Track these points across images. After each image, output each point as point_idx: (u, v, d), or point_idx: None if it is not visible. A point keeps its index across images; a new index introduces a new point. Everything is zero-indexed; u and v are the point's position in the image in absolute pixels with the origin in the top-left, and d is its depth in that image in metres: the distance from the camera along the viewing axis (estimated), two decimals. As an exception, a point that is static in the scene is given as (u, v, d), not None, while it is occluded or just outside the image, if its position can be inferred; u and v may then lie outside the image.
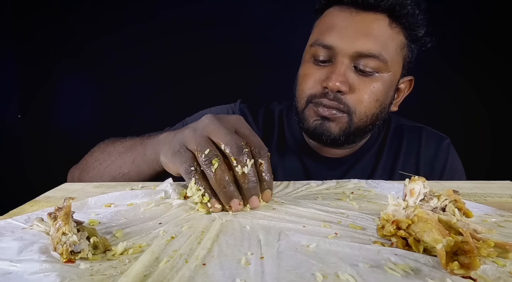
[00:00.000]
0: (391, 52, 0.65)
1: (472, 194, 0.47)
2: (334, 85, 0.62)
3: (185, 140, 0.42)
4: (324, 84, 0.64)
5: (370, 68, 0.64)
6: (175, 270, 0.26)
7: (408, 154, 0.76)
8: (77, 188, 0.51)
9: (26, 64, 1.30)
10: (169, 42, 1.23)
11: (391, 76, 0.66)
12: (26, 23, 1.29)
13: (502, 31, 1.14)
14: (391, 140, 0.77)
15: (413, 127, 0.79)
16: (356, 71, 0.64)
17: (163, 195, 0.45)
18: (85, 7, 1.27)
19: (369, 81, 0.64)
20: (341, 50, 0.63)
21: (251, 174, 0.39)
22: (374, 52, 0.63)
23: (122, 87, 1.25)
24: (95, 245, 0.29)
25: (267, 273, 0.25)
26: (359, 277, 0.24)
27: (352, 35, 0.63)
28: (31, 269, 0.26)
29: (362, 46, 0.62)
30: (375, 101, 0.66)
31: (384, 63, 0.64)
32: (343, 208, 0.40)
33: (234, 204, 0.38)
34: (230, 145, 0.39)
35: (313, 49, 0.67)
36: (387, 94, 0.67)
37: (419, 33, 0.67)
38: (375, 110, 0.67)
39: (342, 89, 0.63)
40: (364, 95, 0.64)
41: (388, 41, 0.64)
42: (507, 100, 1.16)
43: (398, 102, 0.74)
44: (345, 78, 0.63)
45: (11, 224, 0.35)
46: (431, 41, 0.70)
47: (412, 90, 0.75)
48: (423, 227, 0.29)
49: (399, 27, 0.65)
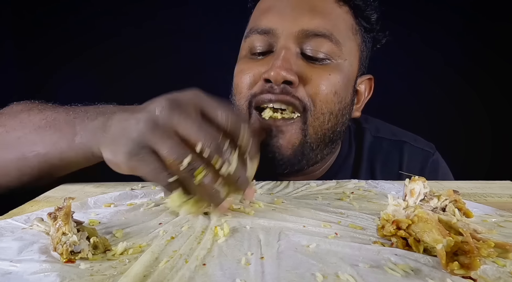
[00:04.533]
0: (343, 33, 0.54)
1: (472, 194, 0.47)
2: (278, 73, 0.49)
3: (146, 139, 0.34)
4: (265, 76, 0.51)
5: (322, 53, 0.52)
6: (175, 270, 0.26)
7: (387, 177, 0.61)
8: (77, 188, 0.51)
9: (26, 65, 1.30)
10: (168, 44, 1.24)
11: (348, 66, 0.55)
12: (26, 24, 1.29)
13: (502, 31, 1.14)
14: (367, 159, 0.65)
15: (393, 142, 0.66)
16: (304, 58, 0.53)
17: (163, 195, 0.45)
18: (85, 8, 1.27)
19: (323, 69, 0.53)
20: (282, 31, 0.52)
21: (239, 169, 0.34)
22: (323, 31, 0.52)
23: (122, 88, 1.25)
24: (95, 245, 0.29)
25: (267, 273, 0.25)
26: (359, 277, 0.24)
27: (294, 13, 0.53)
28: (31, 269, 0.26)
29: (308, 23, 0.52)
30: (333, 94, 0.53)
31: (337, 45, 0.53)
32: (343, 208, 0.40)
33: (223, 209, 0.36)
34: (208, 145, 0.33)
35: (248, 40, 0.56)
36: (347, 88, 0.55)
37: (371, 18, 0.58)
38: (333, 107, 0.54)
39: (288, 77, 0.50)
40: (320, 85, 0.52)
41: (338, 20, 0.54)
42: (507, 100, 1.16)
43: (359, 107, 0.62)
44: (290, 64, 0.51)
45: (10, 224, 0.35)
46: (385, 36, 0.62)
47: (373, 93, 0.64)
48: (423, 227, 0.29)
49: (347, 7, 0.56)
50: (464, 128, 1.15)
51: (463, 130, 1.15)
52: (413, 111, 1.11)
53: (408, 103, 1.15)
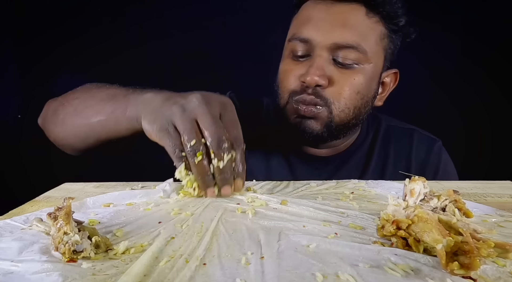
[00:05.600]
0: (370, 42, 0.64)
1: (472, 194, 0.47)
2: (312, 79, 0.61)
3: (174, 119, 0.43)
4: (302, 79, 0.63)
5: (350, 60, 0.63)
6: (176, 270, 0.26)
7: (398, 157, 0.74)
8: (77, 188, 0.51)
9: (26, 65, 1.30)
10: (166, 43, 1.24)
11: (372, 67, 0.65)
12: (26, 24, 1.29)
13: (502, 30, 1.14)
14: (382, 142, 0.76)
15: (404, 129, 0.77)
16: (335, 64, 0.63)
17: (162, 194, 0.45)
18: (85, 8, 1.27)
19: (349, 73, 0.63)
20: (318, 43, 0.62)
21: (227, 167, 0.43)
22: (352, 43, 0.62)
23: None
24: (97, 244, 0.29)
25: (267, 273, 0.25)
26: (359, 277, 0.24)
27: (329, 26, 0.62)
28: (32, 268, 0.26)
29: (339, 37, 0.62)
30: (356, 93, 0.64)
31: (364, 54, 0.63)
32: (343, 208, 0.40)
33: (210, 192, 0.43)
34: (212, 137, 0.42)
35: (291, 44, 0.66)
36: (369, 86, 0.66)
37: (400, 23, 0.66)
38: (356, 103, 0.65)
39: (320, 82, 0.62)
40: (344, 88, 0.63)
41: (366, 31, 0.63)
42: (507, 100, 1.16)
43: (383, 96, 0.73)
44: (323, 71, 0.62)
45: (9, 224, 0.35)
46: (415, 31, 0.69)
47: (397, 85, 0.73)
48: (423, 227, 0.29)
49: (377, 17, 0.64)
50: (464, 128, 1.16)
51: (463, 130, 1.15)
52: (413, 111, 1.11)
53: (408, 103, 1.15)
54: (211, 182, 0.43)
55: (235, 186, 0.44)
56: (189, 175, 0.43)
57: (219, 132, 0.42)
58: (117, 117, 0.53)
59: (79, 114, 0.58)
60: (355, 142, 0.75)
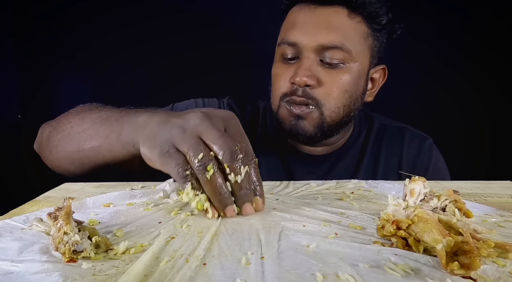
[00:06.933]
0: (354, 42, 0.66)
1: (472, 194, 0.47)
2: (301, 79, 0.64)
3: (174, 140, 0.39)
4: (292, 80, 0.66)
5: (336, 60, 0.65)
6: (176, 270, 0.26)
7: (390, 155, 0.77)
8: (77, 188, 0.51)
9: (25, 65, 1.30)
10: (165, 44, 1.24)
11: (358, 66, 0.67)
12: (26, 24, 1.29)
13: (502, 30, 1.14)
14: (374, 140, 0.78)
15: (396, 127, 0.80)
16: (322, 64, 0.66)
17: (162, 194, 0.45)
18: (85, 8, 1.27)
19: (336, 73, 0.66)
20: (305, 45, 0.65)
21: (245, 181, 0.38)
22: (337, 43, 0.64)
23: (121, 87, 1.25)
24: (97, 244, 0.29)
25: (267, 273, 0.25)
26: (359, 277, 0.24)
27: (313, 29, 0.65)
28: (32, 269, 0.26)
29: (324, 38, 0.65)
30: (344, 92, 0.67)
31: (349, 53, 0.65)
32: (343, 208, 0.40)
33: (229, 211, 0.37)
34: (224, 150, 0.37)
35: (280, 48, 0.69)
36: (357, 84, 0.69)
37: (382, 21, 0.69)
38: (345, 101, 0.68)
39: (309, 82, 0.64)
40: (332, 88, 0.66)
41: (349, 31, 0.66)
42: (507, 100, 1.16)
43: (373, 92, 0.76)
44: (311, 72, 0.65)
45: (9, 224, 0.35)
46: (400, 27, 0.71)
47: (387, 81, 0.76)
48: (423, 227, 0.29)
49: (359, 17, 0.67)
50: (464, 128, 1.15)
51: (463, 130, 1.15)
52: (413, 111, 1.11)
53: (408, 103, 1.15)
54: (229, 199, 0.37)
55: (256, 206, 0.39)
56: (198, 195, 0.37)
57: (230, 143, 0.38)
58: (111, 143, 0.50)
59: (72, 140, 0.56)
60: (349, 140, 0.78)
